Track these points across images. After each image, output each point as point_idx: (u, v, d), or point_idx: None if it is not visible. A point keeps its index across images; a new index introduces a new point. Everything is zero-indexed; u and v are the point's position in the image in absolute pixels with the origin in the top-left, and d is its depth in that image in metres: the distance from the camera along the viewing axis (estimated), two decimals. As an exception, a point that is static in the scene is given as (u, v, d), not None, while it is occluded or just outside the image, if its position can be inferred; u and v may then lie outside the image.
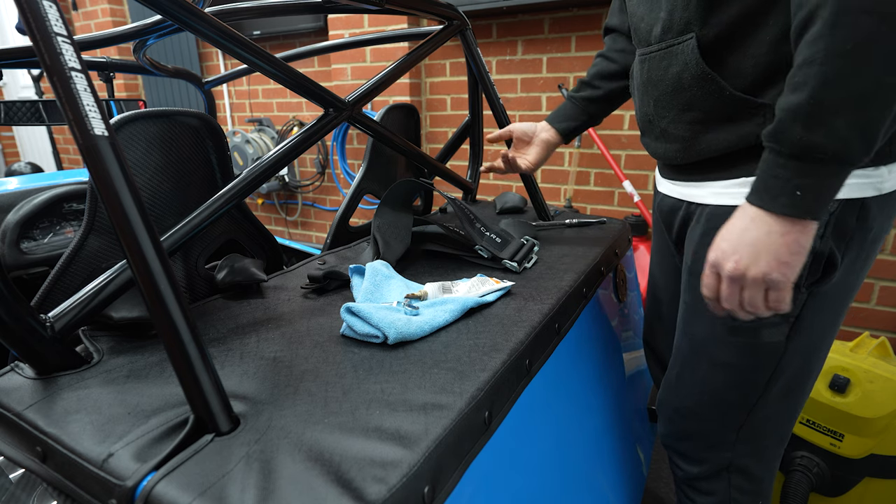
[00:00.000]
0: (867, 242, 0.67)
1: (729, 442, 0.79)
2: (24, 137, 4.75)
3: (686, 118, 0.71)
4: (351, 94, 0.94)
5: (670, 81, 0.71)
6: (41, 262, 1.08)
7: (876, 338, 1.30)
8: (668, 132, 0.75)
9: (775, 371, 0.73)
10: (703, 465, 0.83)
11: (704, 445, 0.82)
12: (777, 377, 0.73)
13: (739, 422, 0.77)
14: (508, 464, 0.60)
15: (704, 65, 0.66)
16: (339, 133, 2.92)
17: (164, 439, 0.46)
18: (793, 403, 0.77)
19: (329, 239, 1.05)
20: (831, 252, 0.65)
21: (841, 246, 0.65)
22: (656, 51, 0.73)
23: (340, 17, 2.71)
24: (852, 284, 0.71)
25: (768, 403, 0.75)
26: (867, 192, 0.63)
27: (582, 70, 2.30)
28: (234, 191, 0.75)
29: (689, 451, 0.85)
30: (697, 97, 0.68)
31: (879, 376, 1.16)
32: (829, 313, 0.71)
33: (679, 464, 0.87)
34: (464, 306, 0.71)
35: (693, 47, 0.66)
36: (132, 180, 0.47)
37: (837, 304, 0.71)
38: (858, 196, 0.63)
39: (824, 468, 1.21)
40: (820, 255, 0.65)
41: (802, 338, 0.71)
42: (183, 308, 0.47)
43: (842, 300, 0.71)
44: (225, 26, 0.70)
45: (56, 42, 0.45)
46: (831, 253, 0.65)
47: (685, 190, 0.78)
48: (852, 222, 0.64)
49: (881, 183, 0.63)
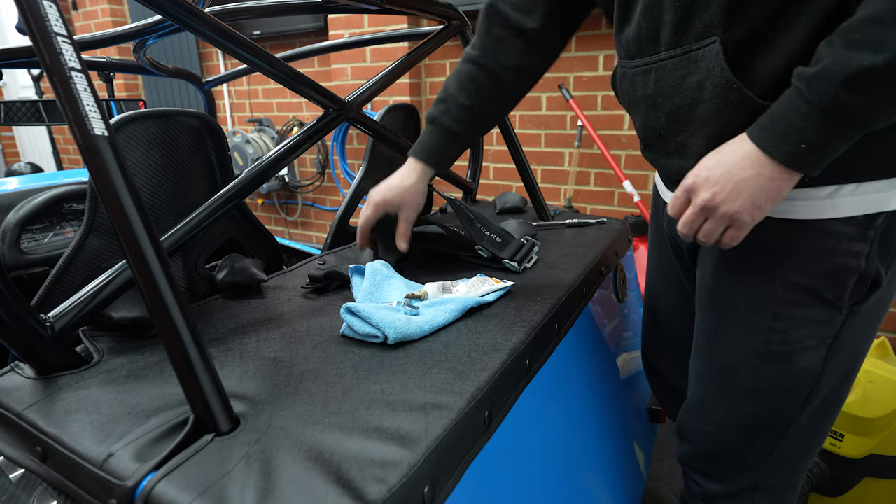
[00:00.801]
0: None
1: (756, 465, 0.74)
2: (24, 137, 4.75)
3: (707, 132, 0.62)
4: (351, 94, 0.94)
5: (689, 92, 0.62)
6: (41, 262, 1.08)
7: (876, 338, 1.30)
8: (687, 148, 0.66)
9: (811, 394, 0.67)
10: (726, 485, 0.77)
11: (731, 467, 0.77)
12: (812, 400, 0.68)
13: (770, 446, 0.72)
14: (508, 464, 0.60)
15: (730, 73, 0.57)
16: (339, 133, 2.92)
17: (164, 439, 0.46)
18: (826, 423, 0.72)
19: (329, 239, 1.05)
20: (878, 270, 0.61)
21: (886, 261, 0.61)
22: (668, 59, 0.63)
23: (340, 17, 2.71)
24: (890, 296, 0.66)
25: (801, 426, 0.70)
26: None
27: (582, 70, 2.30)
28: (234, 191, 0.75)
29: (711, 471, 0.79)
30: (720, 108, 0.60)
31: (879, 376, 1.16)
32: (867, 329, 0.67)
33: (697, 481, 0.81)
34: (464, 306, 0.71)
35: (717, 52, 0.57)
36: (132, 180, 0.47)
37: (875, 318, 0.67)
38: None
39: (824, 468, 1.21)
40: (866, 276, 0.60)
41: (840, 358, 0.66)
42: (183, 308, 0.47)
43: (880, 313, 0.67)
44: (225, 26, 0.70)
45: (56, 42, 0.44)
46: (878, 271, 0.61)
47: None
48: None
49: None
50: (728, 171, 0.56)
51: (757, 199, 0.56)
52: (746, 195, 0.56)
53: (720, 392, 0.75)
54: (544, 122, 2.46)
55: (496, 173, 2.68)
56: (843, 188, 0.58)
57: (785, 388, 0.68)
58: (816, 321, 0.64)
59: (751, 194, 0.56)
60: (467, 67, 0.83)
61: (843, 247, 0.60)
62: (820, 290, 0.62)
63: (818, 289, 0.62)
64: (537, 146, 2.51)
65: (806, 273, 0.63)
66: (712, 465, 0.79)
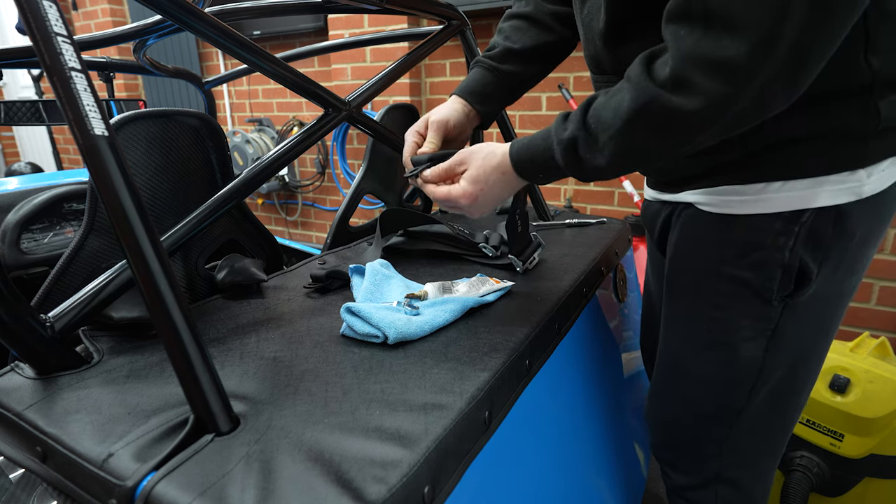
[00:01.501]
0: (852, 248, 0.64)
1: (713, 454, 0.76)
2: (24, 137, 4.75)
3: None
4: (351, 94, 0.94)
5: None
6: (41, 262, 1.08)
7: (876, 338, 1.30)
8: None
9: (756, 384, 0.70)
10: (691, 476, 0.81)
11: (690, 456, 0.80)
12: (758, 390, 0.70)
13: (723, 434, 0.74)
14: (508, 464, 0.60)
15: None
16: (339, 133, 2.92)
17: (164, 439, 0.46)
18: (781, 416, 0.74)
19: (329, 239, 1.05)
20: (803, 264, 0.63)
21: (818, 256, 0.63)
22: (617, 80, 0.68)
23: (340, 17, 2.71)
24: (839, 292, 0.67)
25: (753, 416, 0.72)
26: (844, 199, 0.60)
27: (582, 70, 2.30)
28: (234, 191, 0.75)
29: (675, 462, 0.83)
30: None
31: (879, 376, 1.16)
32: (814, 323, 0.68)
33: (668, 472, 0.85)
34: (464, 306, 0.71)
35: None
36: (132, 180, 0.47)
37: (823, 313, 0.68)
38: (833, 203, 0.60)
39: (824, 468, 1.21)
40: (790, 268, 0.63)
41: (783, 350, 0.68)
42: (183, 308, 0.47)
43: (829, 309, 0.68)
44: (225, 26, 0.70)
45: (56, 42, 0.44)
46: (803, 265, 0.63)
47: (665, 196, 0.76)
48: (829, 231, 0.61)
49: (859, 188, 0.59)
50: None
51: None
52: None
53: (672, 380, 0.79)
54: (544, 122, 2.46)
55: (496, 173, 2.67)
56: (770, 185, 0.61)
57: (729, 377, 0.71)
58: (753, 313, 0.67)
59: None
60: (510, 22, 0.85)
61: (769, 241, 0.63)
62: (751, 282, 0.66)
63: (750, 281, 0.66)
64: (537, 146, 2.50)
65: (739, 265, 0.66)
66: (674, 455, 0.83)
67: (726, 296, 0.68)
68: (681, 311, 0.75)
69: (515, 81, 0.86)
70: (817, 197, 0.60)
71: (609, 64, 0.68)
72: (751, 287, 0.66)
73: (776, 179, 0.61)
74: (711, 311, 0.70)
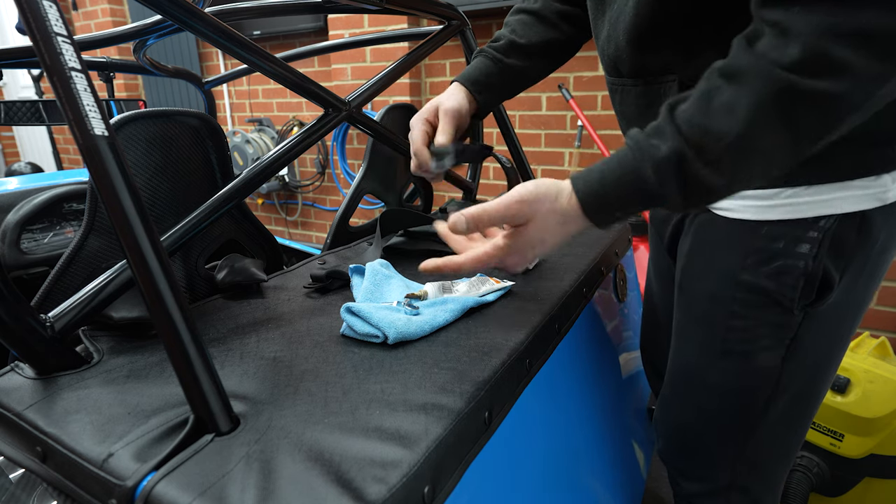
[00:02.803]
0: (873, 255, 0.62)
1: (728, 463, 0.75)
2: (24, 137, 4.75)
3: None
4: (351, 94, 0.94)
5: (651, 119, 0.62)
6: (41, 262, 1.08)
7: (876, 338, 1.30)
8: None
9: (773, 394, 0.68)
10: (702, 484, 0.79)
11: (703, 465, 0.78)
12: (775, 400, 0.68)
13: (738, 444, 0.73)
14: (508, 464, 0.60)
15: None
16: (339, 133, 2.93)
17: (164, 439, 0.46)
18: (796, 424, 0.72)
19: (329, 239, 1.05)
20: (826, 272, 0.61)
21: (840, 264, 0.61)
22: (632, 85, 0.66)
23: (340, 17, 2.71)
24: (859, 300, 0.66)
25: (769, 425, 0.70)
26: (868, 204, 0.58)
27: (582, 70, 2.30)
28: (234, 191, 0.75)
29: (688, 470, 0.81)
30: None
31: (879, 376, 1.16)
32: (832, 332, 0.67)
33: (678, 480, 0.83)
34: (464, 306, 0.71)
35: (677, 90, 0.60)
36: (132, 180, 0.47)
37: (843, 322, 0.67)
38: (857, 209, 0.58)
39: (824, 468, 1.21)
40: (813, 277, 0.61)
41: (802, 359, 0.66)
42: (183, 308, 0.47)
43: (848, 317, 0.67)
44: (225, 26, 0.70)
45: (56, 42, 0.44)
46: (826, 273, 0.61)
47: None
48: (853, 238, 0.59)
49: (884, 193, 0.58)
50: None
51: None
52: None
53: (686, 389, 0.76)
54: (544, 122, 2.46)
55: (496, 173, 2.68)
56: (793, 190, 0.59)
57: (746, 387, 0.69)
58: (772, 322, 0.65)
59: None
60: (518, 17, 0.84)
61: (789, 248, 0.61)
62: (772, 290, 0.63)
63: (770, 289, 0.63)
64: (537, 146, 2.51)
65: (759, 274, 0.64)
66: (686, 462, 0.81)
67: (744, 304, 0.65)
68: (695, 319, 0.73)
69: (518, 76, 0.85)
70: (842, 202, 0.58)
71: (629, 66, 0.65)
72: (771, 296, 0.63)
73: (799, 184, 0.58)
74: (728, 320, 0.67)
